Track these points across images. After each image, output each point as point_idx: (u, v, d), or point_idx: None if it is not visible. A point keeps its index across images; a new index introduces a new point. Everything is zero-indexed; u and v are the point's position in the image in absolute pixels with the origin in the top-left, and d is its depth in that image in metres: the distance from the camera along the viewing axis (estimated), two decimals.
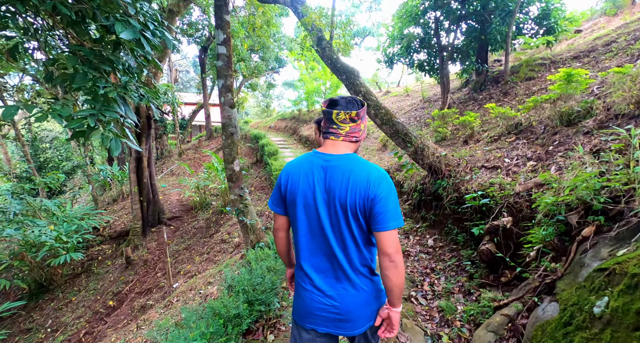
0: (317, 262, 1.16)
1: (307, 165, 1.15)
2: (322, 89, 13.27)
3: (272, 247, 2.83)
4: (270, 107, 32.67)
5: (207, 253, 6.96)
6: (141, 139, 8.37)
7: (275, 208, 1.28)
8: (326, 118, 1.16)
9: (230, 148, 3.63)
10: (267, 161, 8.36)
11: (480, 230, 2.42)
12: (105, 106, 1.86)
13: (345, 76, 4.25)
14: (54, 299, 7.54)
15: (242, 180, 3.85)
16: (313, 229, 1.14)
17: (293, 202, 1.16)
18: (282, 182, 1.20)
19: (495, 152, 3.33)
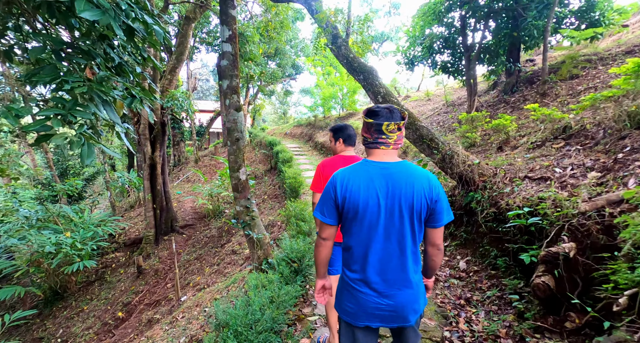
0: (375, 265, 1.21)
1: (364, 174, 1.19)
2: (338, 94, 12.96)
3: (279, 268, 2.46)
4: (287, 114, 32.75)
5: (217, 265, 6.68)
6: (155, 145, 8.30)
7: (326, 219, 1.26)
8: (374, 129, 1.19)
9: (236, 155, 3.31)
10: (281, 168, 8.06)
11: (531, 257, 1.93)
12: (76, 105, 1.56)
13: (362, 76, 3.87)
14: (67, 307, 7.46)
15: (248, 190, 3.51)
16: (374, 235, 1.18)
17: (354, 211, 1.18)
18: (337, 193, 1.20)
19: (541, 160, 2.83)
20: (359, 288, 1.24)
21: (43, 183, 10.76)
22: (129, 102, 2.31)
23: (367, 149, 1.26)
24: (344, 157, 2.08)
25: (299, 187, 6.34)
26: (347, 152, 2.12)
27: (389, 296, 1.21)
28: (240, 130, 3.26)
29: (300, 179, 6.51)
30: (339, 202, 1.20)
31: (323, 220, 1.26)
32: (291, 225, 3.85)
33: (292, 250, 2.69)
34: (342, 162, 2.05)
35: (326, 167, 2.09)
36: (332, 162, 2.08)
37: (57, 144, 1.44)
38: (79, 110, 1.55)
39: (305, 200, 6.47)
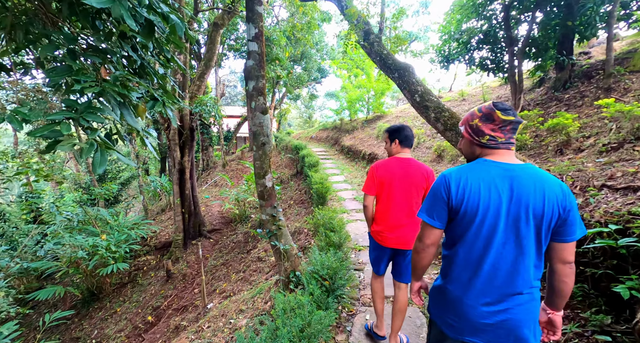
0: (489, 276, 1.10)
1: (484, 174, 1.10)
2: (365, 97, 12.61)
3: (309, 287, 2.19)
4: (312, 118, 32.77)
5: (243, 272, 6.55)
6: (184, 150, 8.42)
7: (434, 222, 1.17)
8: (511, 128, 1.12)
9: (262, 160, 3.11)
10: (307, 173, 7.85)
11: (630, 290, 1.51)
12: (90, 109, 1.40)
13: (397, 74, 3.55)
14: (102, 308, 7.67)
15: (274, 197, 3.29)
16: (491, 243, 1.09)
17: (470, 216, 1.10)
18: (451, 194, 1.12)
19: (621, 166, 2.35)
20: (466, 301, 1.13)
21: (83, 188, 11.34)
22: (151, 106, 2.16)
23: (485, 148, 1.15)
24: (400, 159, 2.00)
25: (326, 192, 6.08)
26: (403, 154, 2.02)
27: (504, 311, 1.09)
28: (267, 134, 3.06)
29: (327, 185, 6.25)
30: (453, 204, 1.11)
31: (431, 223, 1.16)
32: (320, 235, 3.59)
33: (322, 266, 2.42)
34: (398, 164, 1.99)
35: (379, 168, 2.03)
36: (387, 164, 2.01)
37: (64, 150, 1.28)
38: (92, 113, 1.39)
39: (333, 207, 6.19)
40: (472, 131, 1.18)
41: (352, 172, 9.31)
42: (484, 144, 1.15)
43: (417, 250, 1.23)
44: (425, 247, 1.21)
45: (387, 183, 1.99)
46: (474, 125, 1.18)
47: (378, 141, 10.22)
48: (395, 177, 1.97)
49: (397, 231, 1.98)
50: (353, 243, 4.21)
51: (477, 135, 1.17)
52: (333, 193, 7.16)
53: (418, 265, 1.26)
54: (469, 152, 1.24)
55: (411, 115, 10.54)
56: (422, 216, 1.19)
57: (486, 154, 1.16)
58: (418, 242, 1.23)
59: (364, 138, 11.21)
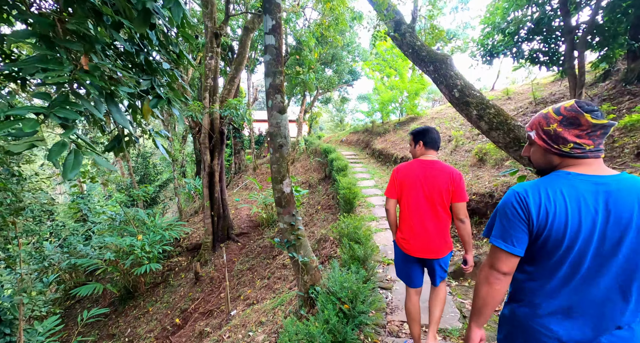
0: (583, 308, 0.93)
1: (570, 191, 0.92)
2: (398, 98, 12.04)
3: (324, 313, 1.87)
4: (343, 122, 32.42)
5: (267, 278, 6.37)
6: (214, 154, 8.51)
7: (514, 249, 0.97)
8: (602, 133, 0.93)
9: (279, 164, 2.85)
10: (335, 177, 7.54)
11: None
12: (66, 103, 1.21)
13: (433, 67, 3.13)
14: (136, 306, 7.91)
15: (293, 204, 3.02)
16: (586, 271, 0.91)
17: (555, 241, 0.92)
18: (532, 215, 0.93)
19: None
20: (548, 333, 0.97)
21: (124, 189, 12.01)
22: (154, 104, 1.98)
23: (567, 158, 0.98)
24: (423, 161, 1.92)
25: (353, 198, 5.72)
26: (427, 156, 1.94)
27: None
28: (284, 135, 2.80)
29: (356, 190, 5.88)
30: (534, 227, 0.95)
31: (508, 249, 0.98)
32: (343, 247, 3.24)
33: (342, 286, 2.08)
34: (420, 166, 1.91)
35: (400, 171, 1.97)
36: (409, 167, 1.95)
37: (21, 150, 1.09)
38: (66, 109, 1.20)
39: (361, 215, 5.80)
40: (549, 138, 0.99)
41: (383, 176, 8.83)
42: (566, 153, 0.96)
43: (490, 281, 1.01)
44: (502, 276, 1.00)
45: (409, 187, 1.91)
46: (551, 130, 0.99)
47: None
48: (418, 179, 1.89)
49: (423, 238, 1.88)
50: (381, 256, 3.81)
51: (556, 143, 0.98)
52: (362, 199, 6.76)
53: (489, 301, 1.02)
54: (542, 161, 1.05)
55: (448, 116, 9.83)
56: (497, 242, 1.00)
57: (568, 164, 0.98)
58: (491, 271, 1.01)
59: (396, 141, 10.66)
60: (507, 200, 1.00)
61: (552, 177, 0.98)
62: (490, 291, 1.01)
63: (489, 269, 1.02)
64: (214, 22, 8.04)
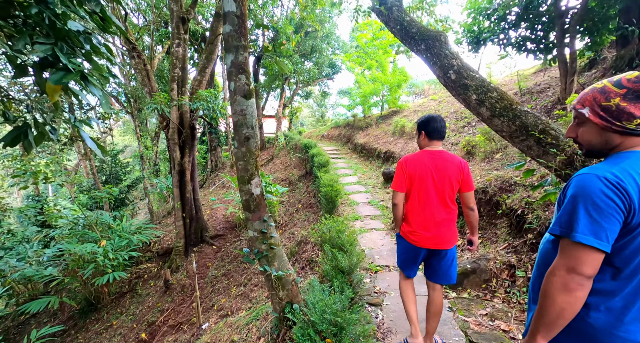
0: None
1: None
2: (379, 91, 11.69)
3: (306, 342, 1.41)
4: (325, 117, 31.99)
5: (243, 286, 5.85)
6: (184, 150, 7.81)
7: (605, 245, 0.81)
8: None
9: (246, 160, 2.34)
10: (317, 174, 7.08)
11: None
12: None
13: (424, 45, 2.70)
14: (99, 320, 7.17)
15: (265, 208, 2.52)
16: None
17: None
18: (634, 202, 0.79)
19: None
20: None
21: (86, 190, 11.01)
22: (57, 78, 1.42)
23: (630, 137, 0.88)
24: (431, 151, 1.88)
25: (336, 196, 5.29)
26: (432, 147, 1.90)
27: None
28: (251, 125, 2.29)
29: (338, 187, 5.45)
30: (634, 217, 0.79)
31: (601, 246, 0.80)
32: (325, 255, 2.80)
33: (322, 313, 1.63)
34: (429, 157, 1.86)
35: (409, 163, 1.90)
36: (417, 158, 1.89)
37: None
38: None
39: (344, 214, 5.38)
40: (610, 115, 0.88)
41: (366, 172, 8.46)
42: (630, 131, 0.86)
43: (571, 288, 0.84)
44: (587, 280, 0.83)
45: (419, 179, 1.86)
46: (612, 106, 0.88)
47: (394, 138, 9.32)
48: (428, 171, 1.84)
49: (433, 230, 1.86)
50: (368, 262, 3.40)
51: (618, 120, 0.87)
52: (344, 197, 6.35)
53: (568, 313, 0.85)
54: (598, 142, 0.94)
55: (431, 109, 9.59)
56: (585, 239, 0.81)
57: (635, 144, 0.88)
58: (572, 275, 0.84)
59: (379, 135, 10.33)
60: (594, 188, 0.83)
61: (633, 158, 0.85)
62: (570, 300, 0.84)
63: (568, 274, 0.84)
64: (180, 5, 7.31)
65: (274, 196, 7.32)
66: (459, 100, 2.64)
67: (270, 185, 7.16)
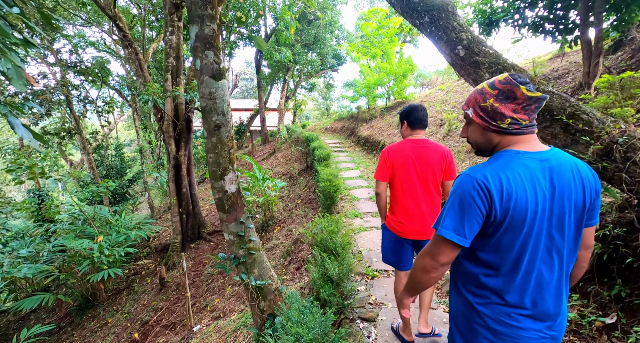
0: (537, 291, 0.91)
1: (523, 171, 0.87)
2: (384, 81, 11.20)
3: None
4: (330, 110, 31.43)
5: (238, 285, 5.59)
6: (180, 144, 7.54)
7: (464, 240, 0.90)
8: (536, 106, 0.90)
9: (217, 153, 2.00)
10: (316, 168, 6.74)
11: None
12: None
13: (428, 17, 2.31)
14: (95, 317, 7.04)
15: (242, 208, 2.19)
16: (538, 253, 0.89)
17: (516, 225, 0.86)
18: (494, 202, 0.86)
19: None
20: (518, 325, 0.91)
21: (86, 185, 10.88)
22: None
23: (506, 135, 0.92)
24: (413, 140, 1.85)
25: (335, 192, 4.95)
26: (416, 136, 1.86)
27: (551, 327, 0.93)
28: (222, 111, 1.95)
29: (337, 182, 5.11)
30: (497, 215, 0.86)
31: (459, 242, 0.89)
32: (314, 260, 2.47)
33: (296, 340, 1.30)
34: (411, 146, 1.84)
35: (392, 152, 1.88)
36: (399, 147, 1.86)
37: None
38: None
39: (343, 211, 5.04)
40: (486, 114, 0.92)
41: (369, 166, 8.08)
42: (504, 130, 0.91)
43: (427, 269, 0.96)
44: (440, 267, 0.94)
45: (401, 168, 1.84)
46: (487, 106, 0.92)
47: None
48: (410, 160, 1.82)
49: (417, 220, 1.83)
50: (364, 266, 3.06)
51: (493, 119, 0.91)
52: (345, 192, 6.00)
53: (422, 285, 1.01)
54: (482, 140, 0.98)
55: (438, 99, 9.11)
56: (447, 234, 0.89)
57: (510, 142, 0.93)
58: (430, 260, 0.95)
59: (383, 127, 9.89)
60: (463, 189, 0.89)
61: (505, 157, 0.90)
62: (427, 278, 0.98)
63: (429, 258, 0.96)
64: None
65: (272, 191, 7.01)
66: (468, 81, 2.25)
67: (268, 179, 6.84)
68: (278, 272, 4.81)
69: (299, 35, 12.57)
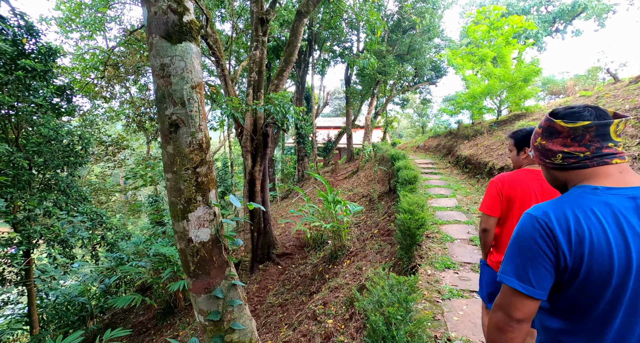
0: None
1: (603, 209, 0.73)
2: (496, 89, 9.02)
3: None
4: (426, 128, 28.86)
5: (293, 329, 4.67)
6: (256, 159, 7.35)
7: (533, 291, 0.76)
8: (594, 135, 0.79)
9: (177, 172, 1.14)
10: (399, 192, 5.44)
11: None
12: None
13: None
14: (172, 325, 7.19)
15: (220, 269, 1.25)
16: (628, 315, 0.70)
17: (602, 277, 0.70)
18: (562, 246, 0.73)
19: None
20: None
21: None
22: None
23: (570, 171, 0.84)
24: (533, 171, 1.62)
25: (418, 228, 3.61)
26: (535, 166, 1.65)
27: None
28: (183, 98, 1.08)
29: (423, 215, 3.75)
30: (566, 262, 0.73)
31: (526, 291, 0.76)
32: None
33: None
34: (531, 177, 1.60)
35: (506, 183, 1.63)
36: (516, 177, 1.63)
37: None
38: None
39: (429, 257, 3.63)
40: (540, 153, 0.91)
41: (470, 193, 6.25)
42: (561, 166, 0.85)
43: (501, 327, 0.79)
44: (517, 324, 0.77)
45: (519, 202, 1.59)
46: (538, 145, 0.91)
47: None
48: (532, 194, 1.57)
49: None
50: None
51: (546, 157, 0.88)
52: (433, 228, 4.51)
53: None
54: (549, 179, 0.94)
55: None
56: (509, 281, 0.78)
57: (579, 179, 0.82)
58: (502, 315, 0.80)
59: (492, 145, 7.79)
60: (523, 229, 0.79)
61: (576, 194, 0.78)
62: (503, 339, 0.80)
63: (502, 314, 0.80)
64: (259, 6, 6.97)
65: (344, 216, 6.01)
66: None
67: (340, 202, 5.87)
68: (336, 327, 3.71)
69: (391, 45, 11.55)
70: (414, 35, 11.57)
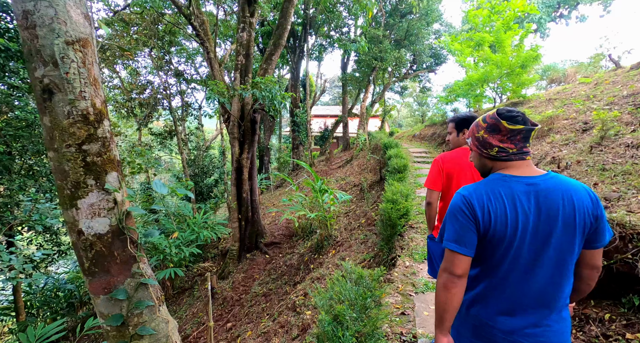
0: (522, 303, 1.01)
1: (506, 191, 1.00)
2: (493, 75, 8.69)
3: None
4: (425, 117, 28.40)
5: (273, 319, 4.58)
6: (243, 146, 7.12)
7: (463, 249, 1.01)
8: (521, 136, 1.03)
9: (58, 150, 0.92)
10: (387, 180, 5.25)
11: None
12: None
13: None
14: None
15: (125, 265, 1.05)
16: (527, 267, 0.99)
17: (500, 239, 0.99)
18: (479, 217, 1.00)
19: None
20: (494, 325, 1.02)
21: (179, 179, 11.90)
22: None
23: (497, 161, 1.07)
24: (468, 149, 1.77)
25: (399, 218, 3.43)
26: None
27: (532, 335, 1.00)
28: (54, 56, 0.86)
29: (406, 204, 3.57)
30: (481, 228, 1.00)
31: (461, 251, 1.00)
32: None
33: None
34: (468, 156, 1.80)
35: (446, 160, 1.83)
36: (454, 156, 1.83)
37: None
38: None
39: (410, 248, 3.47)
40: (479, 143, 1.09)
41: None
42: (493, 157, 1.07)
43: (447, 286, 1.01)
44: (458, 279, 1.00)
45: (456, 177, 1.80)
46: (480, 137, 1.09)
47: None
48: (466, 169, 1.79)
49: None
50: None
51: (484, 148, 1.08)
52: (417, 218, 4.34)
53: (446, 306, 1.01)
54: (479, 165, 1.14)
55: (581, 95, 6.35)
56: (451, 245, 1.02)
57: (500, 167, 1.07)
58: (447, 275, 1.01)
59: None
60: (454, 204, 1.04)
61: (491, 179, 1.04)
62: (448, 296, 1.01)
63: (447, 274, 1.02)
64: None
65: (331, 206, 5.84)
66: None
67: (327, 191, 5.68)
68: (313, 319, 3.59)
69: (388, 29, 11.09)
70: (412, 19, 11.12)
